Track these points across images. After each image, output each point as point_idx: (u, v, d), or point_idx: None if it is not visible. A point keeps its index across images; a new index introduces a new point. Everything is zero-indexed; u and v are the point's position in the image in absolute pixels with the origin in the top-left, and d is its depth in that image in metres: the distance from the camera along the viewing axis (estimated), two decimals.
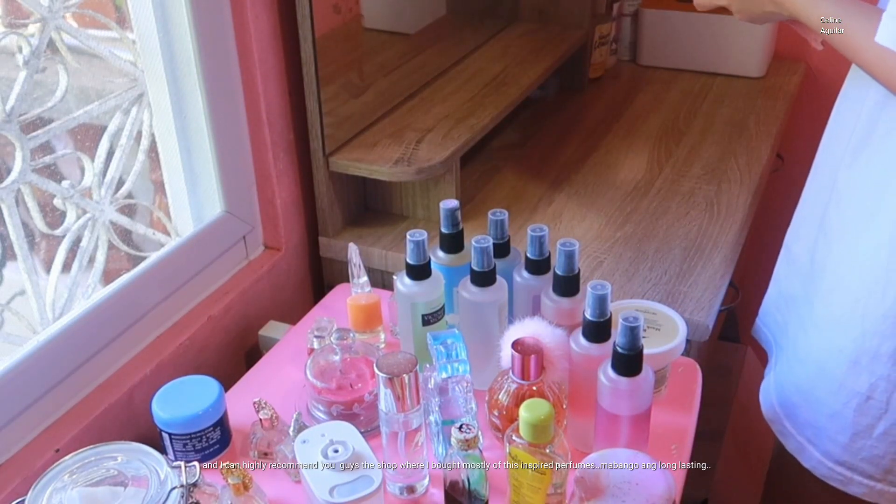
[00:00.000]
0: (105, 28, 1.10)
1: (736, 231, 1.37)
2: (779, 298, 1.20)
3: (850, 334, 1.01)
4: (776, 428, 1.15)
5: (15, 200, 1.00)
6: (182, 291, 1.20)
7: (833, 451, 1.07)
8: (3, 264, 1.03)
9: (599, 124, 1.75)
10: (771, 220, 1.97)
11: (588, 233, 1.38)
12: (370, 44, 1.45)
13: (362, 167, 1.32)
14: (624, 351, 0.87)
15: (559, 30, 1.82)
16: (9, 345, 1.01)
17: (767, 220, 1.97)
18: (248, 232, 1.32)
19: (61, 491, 0.80)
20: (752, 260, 1.97)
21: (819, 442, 1.08)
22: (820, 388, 1.06)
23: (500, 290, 1.03)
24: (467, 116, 1.44)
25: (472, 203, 1.46)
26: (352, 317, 1.14)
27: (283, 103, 1.28)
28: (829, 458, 1.07)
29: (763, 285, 1.24)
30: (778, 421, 1.15)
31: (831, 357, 1.04)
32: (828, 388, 1.05)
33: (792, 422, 1.12)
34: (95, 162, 1.11)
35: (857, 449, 1.04)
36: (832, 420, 1.05)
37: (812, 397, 1.08)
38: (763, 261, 2.01)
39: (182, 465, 0.83)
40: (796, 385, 1.11)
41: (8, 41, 0.98)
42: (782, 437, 1.14)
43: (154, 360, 1.12)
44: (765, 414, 1.18)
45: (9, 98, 0.97)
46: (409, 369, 0.87)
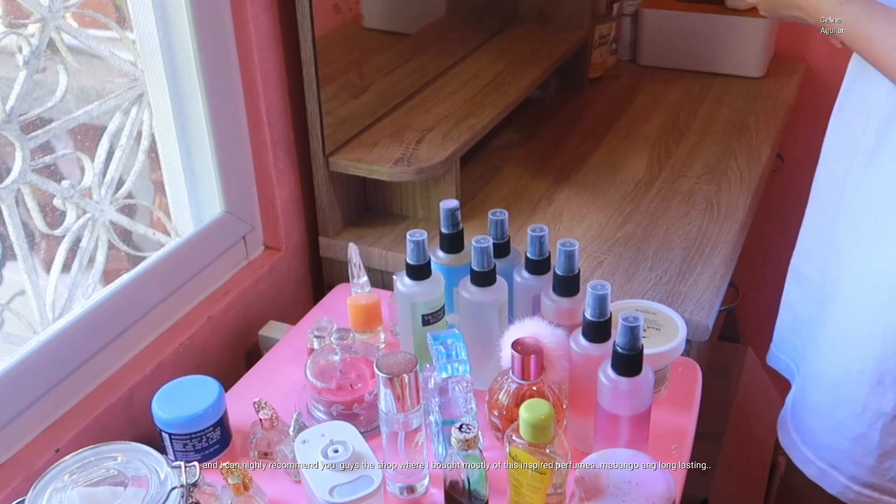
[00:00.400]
0: (105, 28, 1.10)
1: (736, 231, 1.37)
2: (794, 323, 1.17)
3: (871, 354, 0.98)
4: (795, 455, 1.12)
5: (15, 200, 1.00)
6: (182, 291, 1.20)
7: (859, 475, 1.04)
8: (3, 264, 1.03)
9: (599, 124, 1.75)
10: (771, 220, 1.97)
11: (588, 233, 1.38)
12: (370, 44, 1.45)
13: (362, 167, 1.32)
14: (624, 351, 0.87)
15: (559, 30, 1.82)
16: (9, 345, 1.01)
17: (767, 220, 1.97)
18: (248, 232, 1.32)
19: (61, 491, 0.80)
20: (752, 260, 1.97)
21: (843, 466, 1.05)
22: (841, 410, 1.03)
23: (500, 290, 1.03)
24: (467, 116, 1.44)
25: (472, 203, 1.46)
26: (352, 317, 1.14)
27: (283, 103, 1.28)
28: (856, 481, 1.04)
29: (763, 285, 1.24)
30: (795, 448, 1.11)
31: (851, 378, 1.00)
32: (850, 411, 1.02)
33: (811, 447, 1.09)
34: (95, 162, 1.11)
35: (885, 469, 1.01)
36: (857, 443, 1.02)
37: (833, 420, 1.05)
38: (763, 261, 2.01)
39: (182, 465, 0.83)
40: (814, 409, 1.08)
41: (8, 41, 0.98)
42: (802, 464, 1.10)
43: (154, 360, 1.12)
44: (781, 442, 1.14)
45: (9, 98, 0.97)
46: (409, 369, 0.87)
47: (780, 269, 1.24)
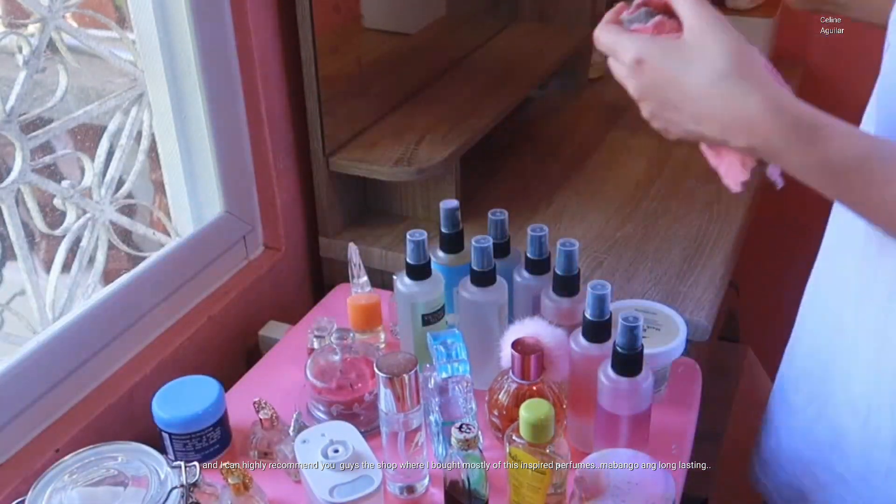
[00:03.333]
0: (105, 28, 1.10)
1: (736, 231, 1.37)
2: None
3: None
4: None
5: (15, 200, 1.00)
6: (182, 291, 1.20)
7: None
8: (3, 264, 1.03)
9: (599, 124, 1.75)
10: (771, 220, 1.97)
11: (588, 233, 1.38)
12: (370, 44, 1.45)
13: (362, 167, 1.32)
14: (624, 351, 0.87)
15: (559, 30, 1.82)
16: (9, 345, 1.01)
17: (767, 220, 1.97)
18: (248, 232, 1.32)
19: (61, 491, 0.80)
20: (752, 260, 1.97)
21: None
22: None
23: (500, 290, 1.03)
24: (467, 116, 1.43)
25: (472, 203, 1.46)
26: (352, 317, 1.14)
27: (283, 103, 1.28)
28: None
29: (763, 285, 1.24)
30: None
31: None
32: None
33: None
34: (95, 162, 1.11)
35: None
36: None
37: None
38: (763, 261, 2.01)
39: (182, 465, 0.83)
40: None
41: (8, 41, 0.98)
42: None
43: (154, 360, 1.12)
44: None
45: (9, 98, 0.97)
46: (409, 369, 0.87)
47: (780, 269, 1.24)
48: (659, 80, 0.72)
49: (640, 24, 0.76)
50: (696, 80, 0.70)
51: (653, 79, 0.73)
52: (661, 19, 0.75)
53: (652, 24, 0.75)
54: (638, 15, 0.76)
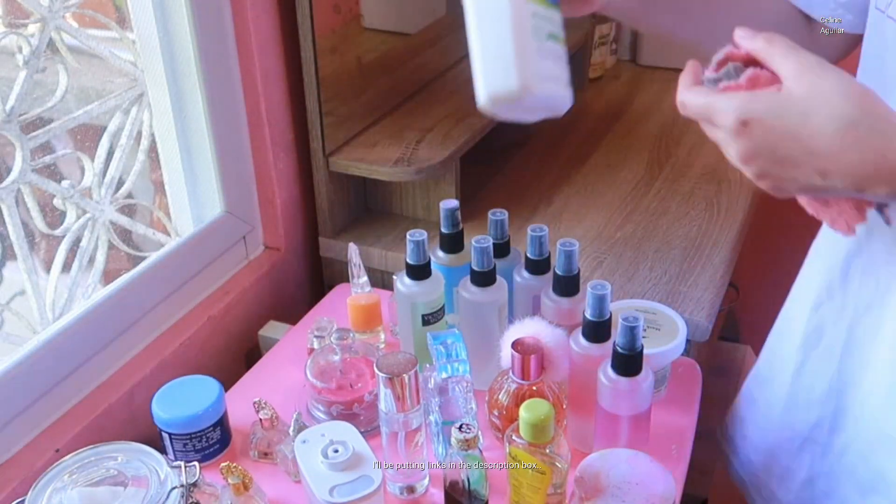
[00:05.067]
0: (105, 28, 1.10)
1: (736, 231, 1.37)
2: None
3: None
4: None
5: (15, 200, 1.00)
6: (182, 291, 1.20)
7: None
8: (3, 264, 1.03)
9: (599, 124, 1.75)
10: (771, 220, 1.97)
11: (588, 233, 1.38)
12: (370, 44, 1.45)
13: (362, 167, 1.32)
14: (624, 351, 0.87)
15: None
16: (9, 345, 1.01)
17: (767, 220, 1.97)
18: (248, 232, 1.32)
19: (61, 491, 0.80)
20: (752, 260, 1.97)
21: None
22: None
23: (500, 290, 1.03)
24: (467, 116, 1.43)
25: (472, 203, 1.46)
26: (352, 317, 1.14)
27: (283, 103, 1.28)
28: None
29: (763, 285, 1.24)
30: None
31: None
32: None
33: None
34: (95, 162, 1.11)
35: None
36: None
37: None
38: (763, 261, 2.01)
39: (182, 465, 0.83)
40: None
41: (8, 41, 0.98)
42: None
43: (154, 360, 1.12)
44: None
45: (9, 98, 0.97)
46: (409, 369, 0.87)
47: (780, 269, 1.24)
48: (772, 138, 0.63)
49: (732, 82, 0.68)
50: (819, 132, 0.62)
51: (764, 138, 0.64)
52: (754, 73, 0.67)
53: (745, 78, 0.67)
54: (726, 71, 0.69)
